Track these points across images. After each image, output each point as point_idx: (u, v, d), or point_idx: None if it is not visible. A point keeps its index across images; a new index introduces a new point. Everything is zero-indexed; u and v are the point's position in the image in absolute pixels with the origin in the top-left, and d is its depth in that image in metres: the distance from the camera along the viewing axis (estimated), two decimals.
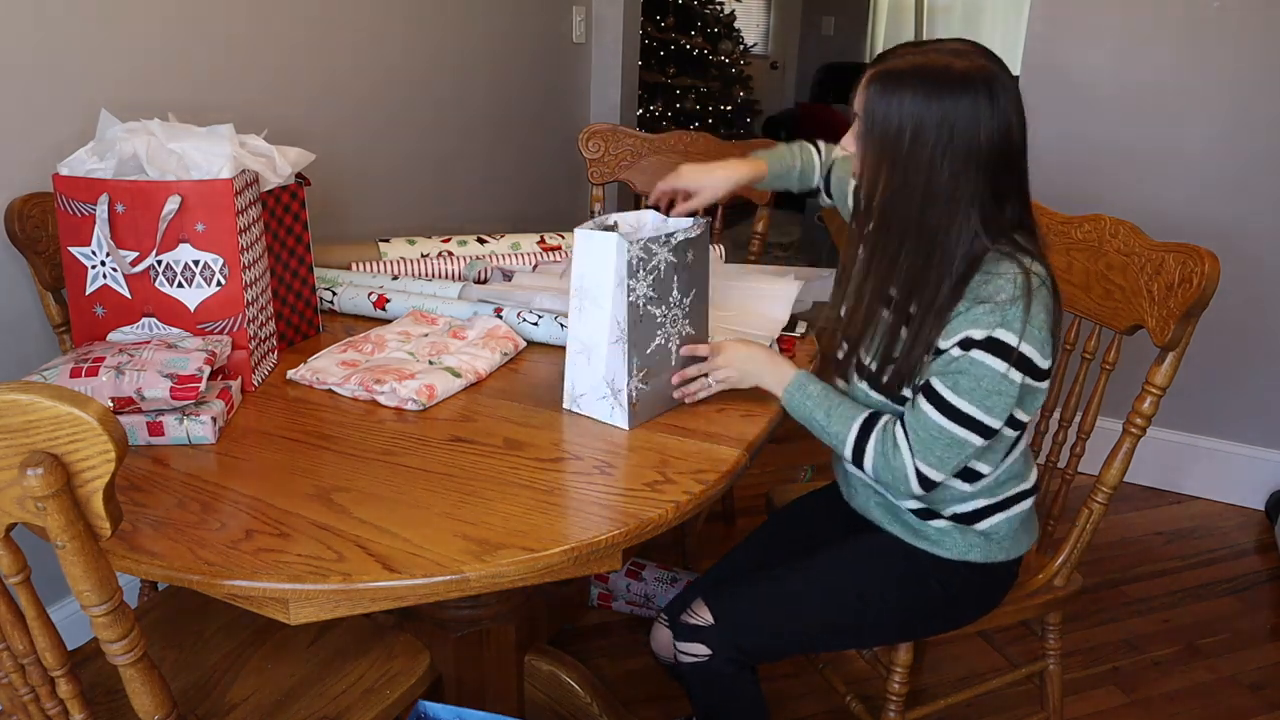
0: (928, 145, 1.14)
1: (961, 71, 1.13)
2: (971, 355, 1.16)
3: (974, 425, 1.18)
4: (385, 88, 2.44)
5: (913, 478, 1.22)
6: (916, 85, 1.13)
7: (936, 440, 1.19)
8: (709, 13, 5.68)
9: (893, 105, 1.14)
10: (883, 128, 1.16)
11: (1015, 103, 1.16)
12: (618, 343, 1.25)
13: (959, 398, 1.17)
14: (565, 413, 1.33)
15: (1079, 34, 2.58)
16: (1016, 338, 1.14)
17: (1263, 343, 2.58)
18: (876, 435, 1.24)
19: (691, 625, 1.32)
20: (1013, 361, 1.15)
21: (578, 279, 1.26)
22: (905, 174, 1.16)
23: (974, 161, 1.14)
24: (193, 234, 1.31)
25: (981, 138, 1.13)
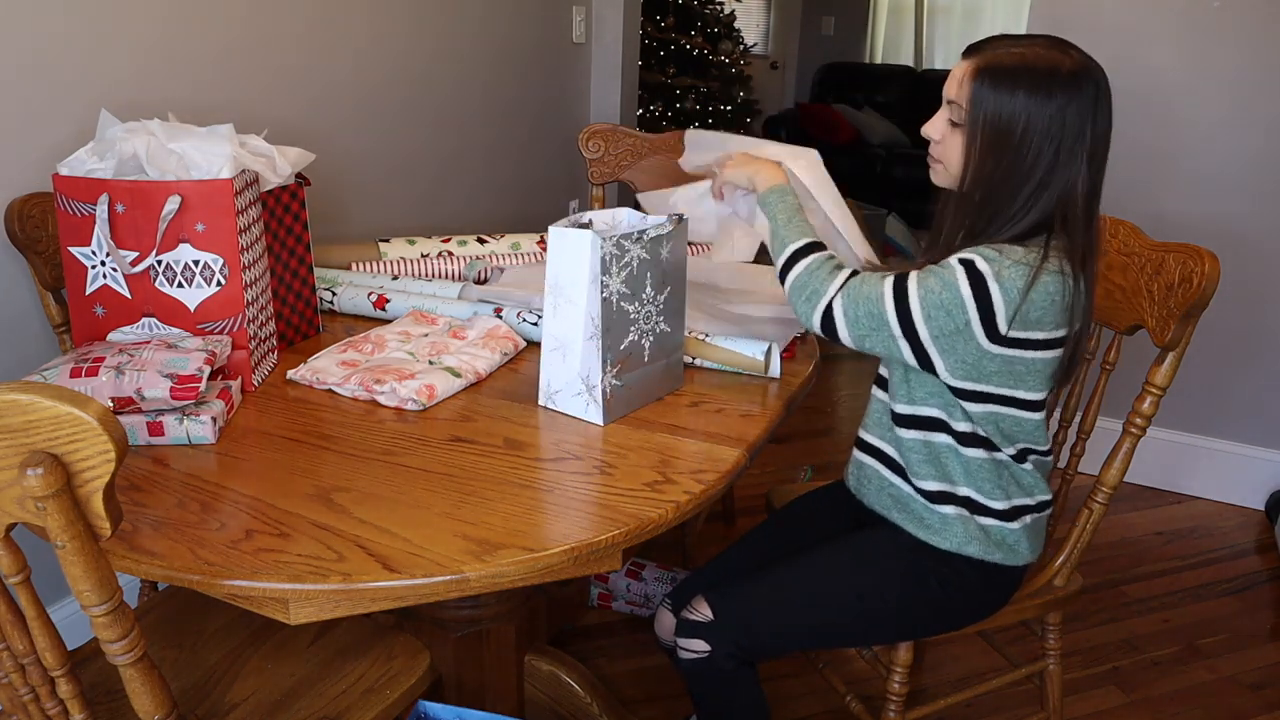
0: (1034, 139, 1.18)
1: (1072, 69, 1.18)
2: (951, 264, 1.19)
3: (906, 319, 1.20)
4: (385, 88, 2.44)
5: (821, 305, 1.25)
6: (1031, 82, 1.17)
7: (868, 301, 1.22)
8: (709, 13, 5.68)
9: (1004, 100, 1.18)
10: (993, 122, 1.19)
11: (1110, 99, 1.21)
12: (592, 339, 1.26)
13: (915, 288, 1.20)
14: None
15: (1079, 34, 2.56)
16: (995, 283, 1.16)
17: (1263, 343, 2.58)
18: (820, 257, 1.29)
19: (691, 621, 1.32)
20: (977, 296, 1.16)
21: (552, 277, 1.27)
22: (1012, 164, 1.20)
23: (1074, 154, 1.19)
24: (193, 234, 1.31)
25: (1086, 133, 1.18)
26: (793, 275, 1.29)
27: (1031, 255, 1.18)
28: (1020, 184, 1.20)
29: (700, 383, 1.46)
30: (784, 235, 1.33)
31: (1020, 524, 1.33)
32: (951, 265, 1.19)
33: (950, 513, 1.32)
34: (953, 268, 1.19)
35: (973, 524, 1.32)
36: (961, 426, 1.28)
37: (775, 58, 7.18)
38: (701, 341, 1.49)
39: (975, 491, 1.31)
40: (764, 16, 7.12)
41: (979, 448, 1.29)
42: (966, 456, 1.29)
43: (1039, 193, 1.20)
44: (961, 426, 1.28)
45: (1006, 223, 1.22)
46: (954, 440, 1.29)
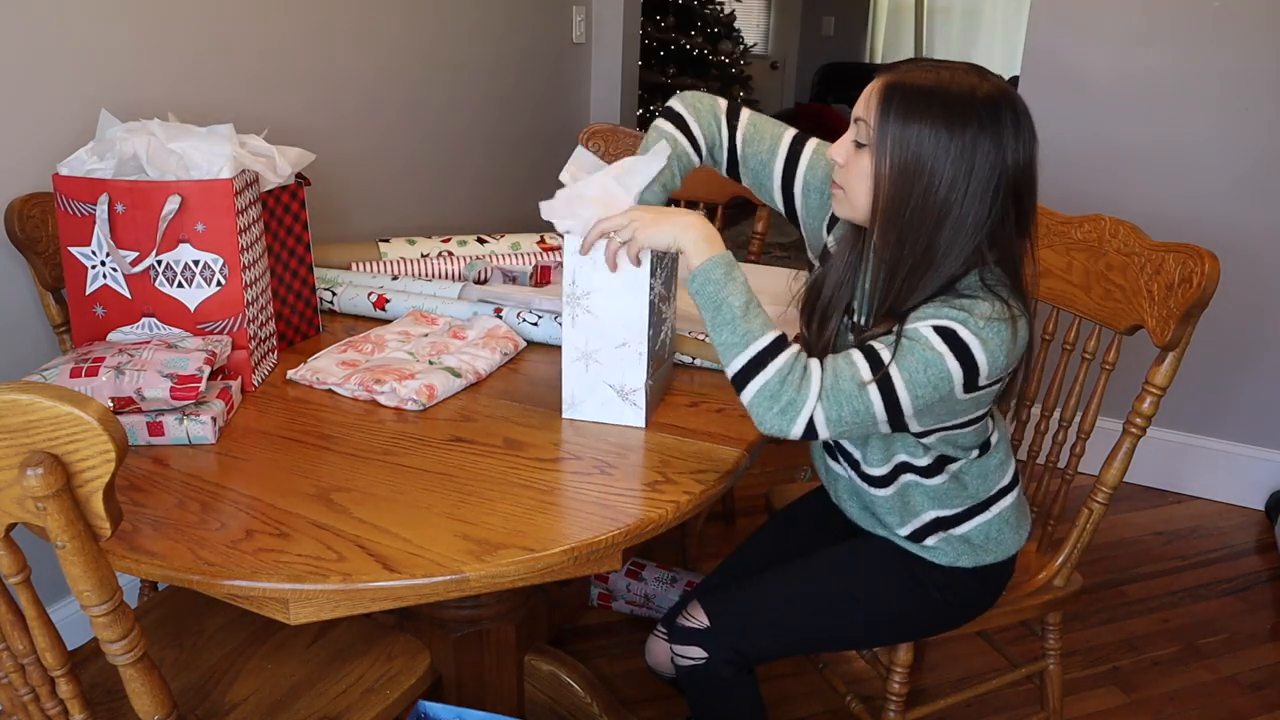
0: (947, 174, 1.08)
1: (985, 97, 1.08)
2: (927, 337, 1.09)
3: (892, 404, 1.10)
4: (385, 88, 2.44)
5: (802, 418, 1.11)
6: (940, 111, 1.08)
7: (851, 400, 1.10)
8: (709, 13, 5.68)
9: (912, 130, 1.08)
10: (901, 152, 1.09)
11: (1033, 131, 1.12)
12: (626, 345, 1.25)
13: (898, 373, 1.10)
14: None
15: (1079, 34, 2.58)
16: (981, 349, 1.09)
17: (1263, 343, 2.58)
18: (789, 356, 1.12)
19: (687, 628, 1.32)
20: (963, 365, 1.09)
21: (570, 286, 1.24)
22: (924, 195, 1.10)
23: (991, 186, 1.10)
24: (193, 234, 1.31)
25: (1004, 167, 1.09)
26: (760, 382, 1.11)
27: (998, 308, 1.11)
28: (938, 224, 1.10)
29: (700, 383, 1.46)
30: (744, 328, 1.13)
31: (995, 515, 1.31)
32: (926, 339, 1.09)
33: (933, 542, 1.31)
34: (928, 342, 1.09)
35: (954, 539, 1.31)
36: (922, 461, 1.26)
37: (775, 58, 7.18)
38: (702, 341, 1.49)
39: (940, 509, 1.29)
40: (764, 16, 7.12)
41: (939, 475, 1.27)
42: (929, 485, 1.28)
43: (959, 229, 1.10)
44: (922, 461, 1.26)
45: (935, 267, 1.12)
46: (918, 475, 1.27)
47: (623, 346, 1.25)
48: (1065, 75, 2.61)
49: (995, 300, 1.12)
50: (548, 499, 1.11)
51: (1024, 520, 1.37)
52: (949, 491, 1.28)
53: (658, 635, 1.42)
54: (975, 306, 1.11)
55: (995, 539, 1.32)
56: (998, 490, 1.32)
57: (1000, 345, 1.10)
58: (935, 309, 1.11)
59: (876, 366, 1.10)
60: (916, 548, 1.32)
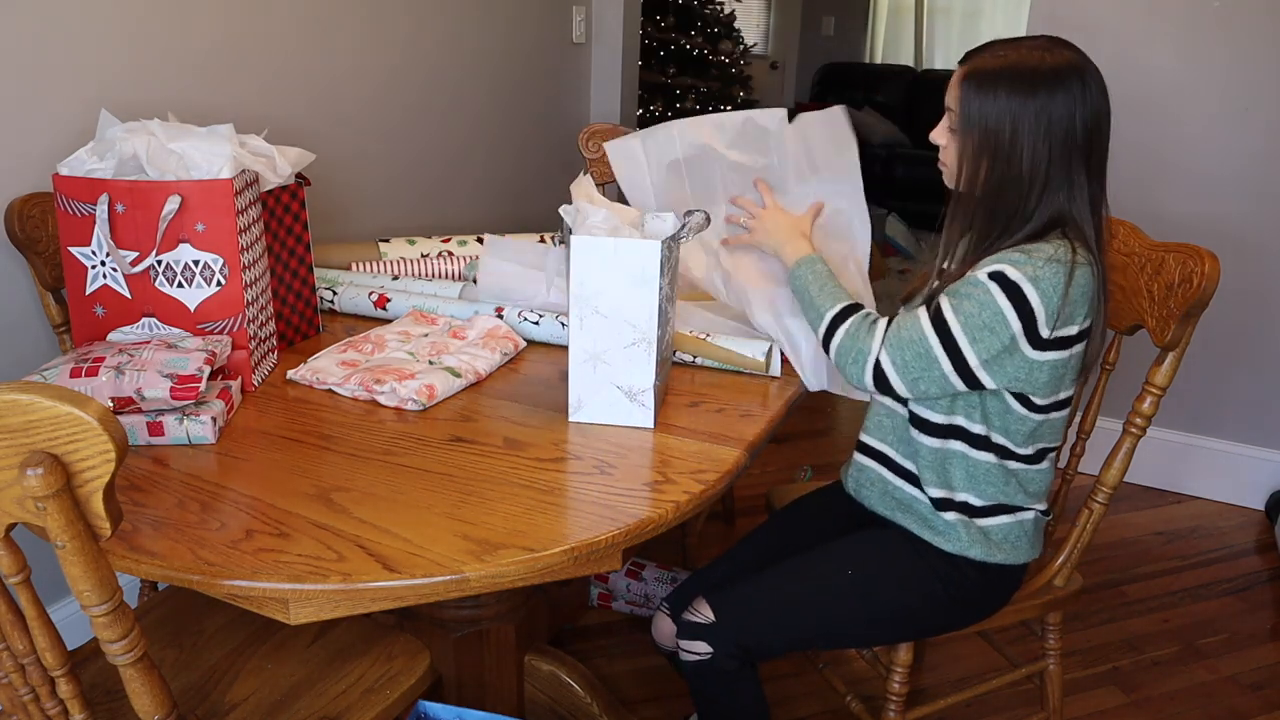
0: (1025, 138, 1.20)
1: (1053, 66, 1.19)
2: (983, 281, 1.19)
3: (953, 350, 1.20)
4: (385, 88, 2.44)
5: (870, 363, 1.24)
6: (1012, 82, 1.19)
7: (913, 344, 1.22)
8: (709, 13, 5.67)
9: (989, 102, 1.21)
10: (981, 125, 1.22)
11: (1103, 90, 1.22)
12: (634, 345, 1.25)
13: (954, 316, 1.20)
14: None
15: (1079, 34, 2.56)
16: (1037, 293, 1.17)
17: (1263, 343, 2.58)
18: (857, 318, 1.29)
19: (693, 623, 1.32)
20: (1019, 310, 1.17)
21: (578, 287, 1.24)
22: (1007, 165, 1.21)
23: (1068, 149, 1.20)
24: (193, 234, 1.31)
25: (1076, 127, 1.20)
26: (835, 343, 1.29)
27: (1061, 250, 1.19)
28: (1019, 185, 1.22)
29: (700, 383, 1.46)
30: (819, 304, 1.33)
31: (1018, 521, 1.33)
32: (981, 282, 1.19)
33: (952, 518, 1.32)
34: (983, 284, 1.19)
35: (973, 527, 1.32)
36: (977, 429, 1.28)
37: (775, 58, 7.18)
38: (702, 340, 1.49)
39: (974, 496, 1.31)
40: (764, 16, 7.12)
41: (989, 452, 1.29)
42: (973, 460, 1.30)
43: (1041, 192, 1.22)
44: (977, 429, 1.28)
45: (1016, 225, 1.23)
46: (967, 445, 1.29)
47: (631, 346, 1.25)
48: None
49: (1061, 244, 1.20)
50: (548, 499, 1.11)
51: (1040, 540, 1.39)
52: (988, 478, 1.30)
53: (662, 611, 1.44)
54: (1040, 249, 1.19)
55: (1013, 542, 1.33)
56: (1030, 504, 1.34)
57: (1053, 285, 1.17)
58: (997, 255, 1.21)
59: (936, 314, 1.22)
60: (935, 522, 1.32)
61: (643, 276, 1.21)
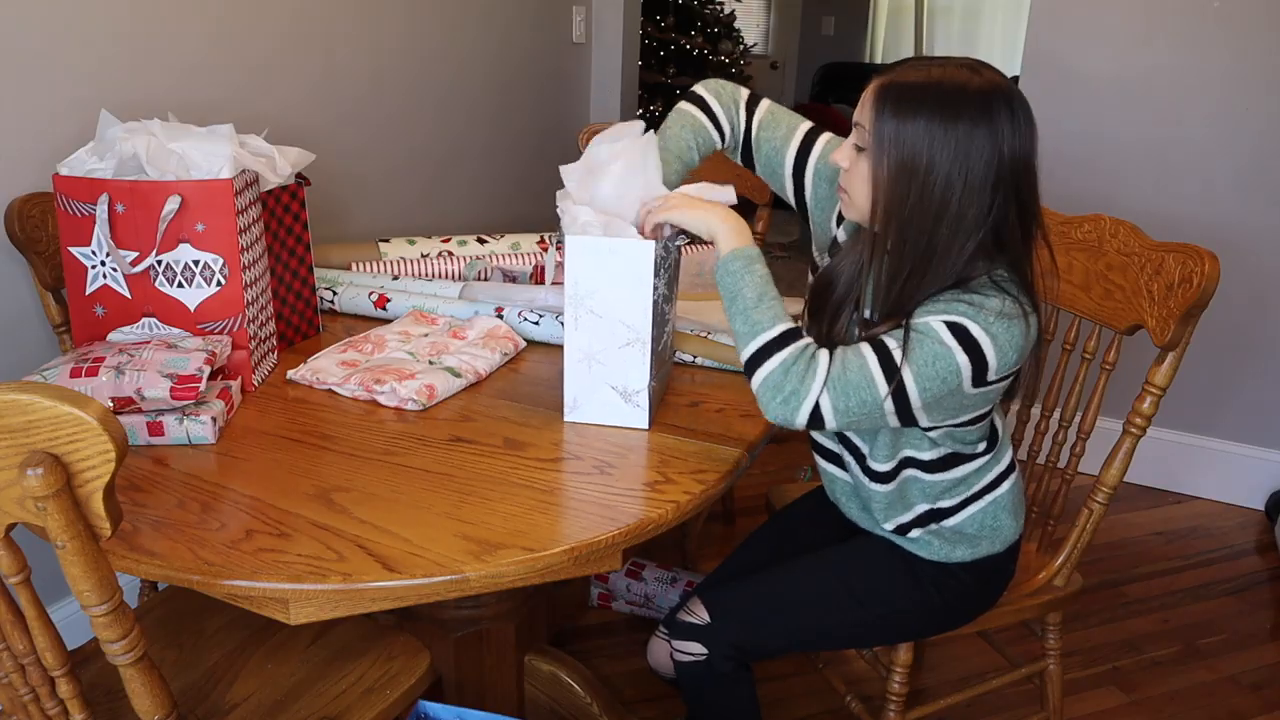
0: (943, 170, 1.09)
1: (978, 90, 1.08)
2: (937, 331, 1.09)
3: (901, 396, 1.10)
4: (385, 88, 2.44)
5: (807, 406, 1.11)
6: (933, 107, 1.08)
7: (859, 390, 1.10)
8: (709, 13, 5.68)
9: (907, 128, 1.09)
10: (896, 150, 1.10)
11: (1031, 121, 1.11)
12: (629, 345, 1.25)
13: (906, 364, 1.10)
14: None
15: (1079, 33, 2.58)
16: (991, 344, 1.09)
17: (1263, 343, 2.58)
18: (795, 350, 1.13)
19: (688, 624, 1.32)
20: (973, 361, 1.09)
21: (573, 287, 1.24)
22: (920, 196, 1.10)
23: (990, 184, 1.10)
24: (193, 234, 1.31)
25: (1000, 161, 1.09)
26: (765, 372, 1.13)
27: (1008, 305, 1.11)
28: (937, 220, 1.11)
29: (700, 383, 1.46)
30: (754, 317, 1.15)
31: (991, 502, 1.30)
32: (936, 333, 1.10)
33: (919, 534, 1.31)
34: (938, 336, 1.09)
35: (945, 530, 1.31)
36: (927, 455, 1.26)
37: (775, 58, 7.18)
38: (703, 339, 1.49)
39: (932, 503, 1.29)
40: (764, 16, 7.12)
41: (942, 470, 1.27)
42: (929, 480, 1.28)
43: (960, 227, 1.11)
44: (927, 455, 1.26)
45: (941, 266, 1.13)
46: (920, 470, 1.27)
47: (626, 347, 1.25)
48: (1065, 75, 2.61)
49: (1005, 297, 1.12)
50: (548, 499, 1.11)
51: (1020, 507, 1.36)
52: (946, 489, 1.28)
53: (659, 636, 1.42)
54: (985, 302, 1.11)
55: (991, 526, 1.31)
56: (994, 479, 1.31)
57: (1010, 342, 1.10)
58: (945, 304, 1.12)
59: (885, 359, 1.11)
60: (904, 541, 1.32)
61: (637, 277, 1.21)
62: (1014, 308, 1.11)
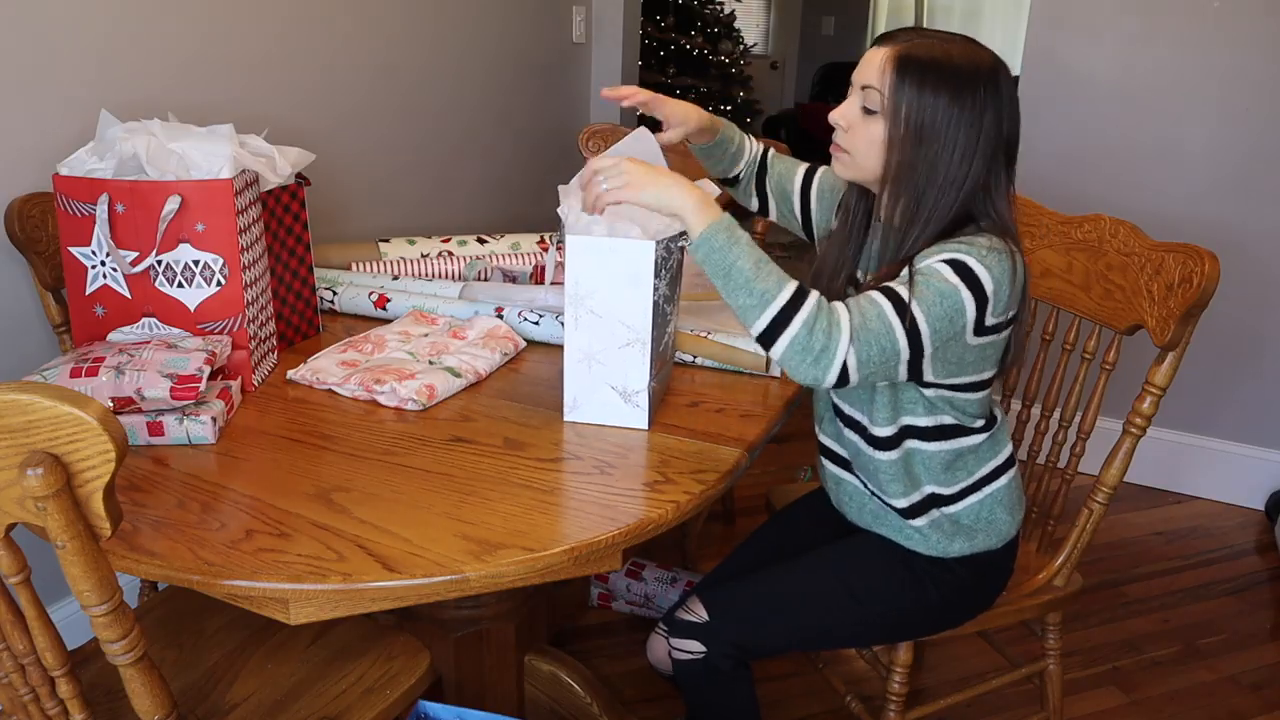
0: (960, 140, 1.17)
1: (989, 67, 1.18)
2: (940, 270, 1.14)
3: (914, 338, 1.13)
4: (385, 88, 2.44)
5: (836, 364, 1.10)
6: (952, 80, 1.16)
7: (879, 337, 1.12)
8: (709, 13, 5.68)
9: (927, 99, 1.16)
10: (916, 118, 1.16)
11: (1014, 85, 1.21)
12: (629, 345, 1.25)
13: (917, 306, 1.13)
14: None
15: (1079, 33, 2.58)
16: (988, 274, 1.14)
17: (1263, 343, 2.58)
18: (813, 305, 1.11)
19: (686, 622, 1.32)
20: (974, 293, 1.14)
21: (573, 287, 1.23)
22: (933, 163, 1.17)
23: (992, 152, 1.19)
24: (193, 234, 1.31)
25: (1003, 127, 1.19)
26: (789, 336, 1.10)
27: (996, 242, 1.17)
28: (945, 184, 1.18)
29: (700, 383, 1.46)
30: (759, 287, 1.11)
31: (989, 494, 1.31)
32: (938, 270, 1.14)
33: (923, 523, 1.31)
34: (941, 274, 1.14)
35: (945, 521, 1.31)
36: (925, 421, 1.27)
37: (775, 58, 7.18)
38: (703, 339, 1.49)
39: (935, 485, 1.30)
40: (764, 16, 7.12)
41: (940, 440, 1.28)
42: (928, 452, 1.28)
43: (961, 189, 1.18)
44: (925, 421, 1.27)
45: (932, 221, 1.19)
46: (920, 440, 1.28)
47: (626, 347, 1.25)
48: (1065, 75, 2.61)
49: (990, 236, 1.19)
50: (548, 499, 1.11)
51: (1018, 504, 1.37)
52: (948, 464, 1.29)
53: (659, 633, 1.42)
54: (975, 240, 1.18)
55: (987, 519, 1.32)
56: (992, 470, 1.32)
57: (1003, 274, 1.16)
58: (938, 247, 1.18)
59: (897, 303, 1.14)
60: (909, 532, 1.32)
61: (637, 277, 1.21)
62: (1001, 244, 1.18)
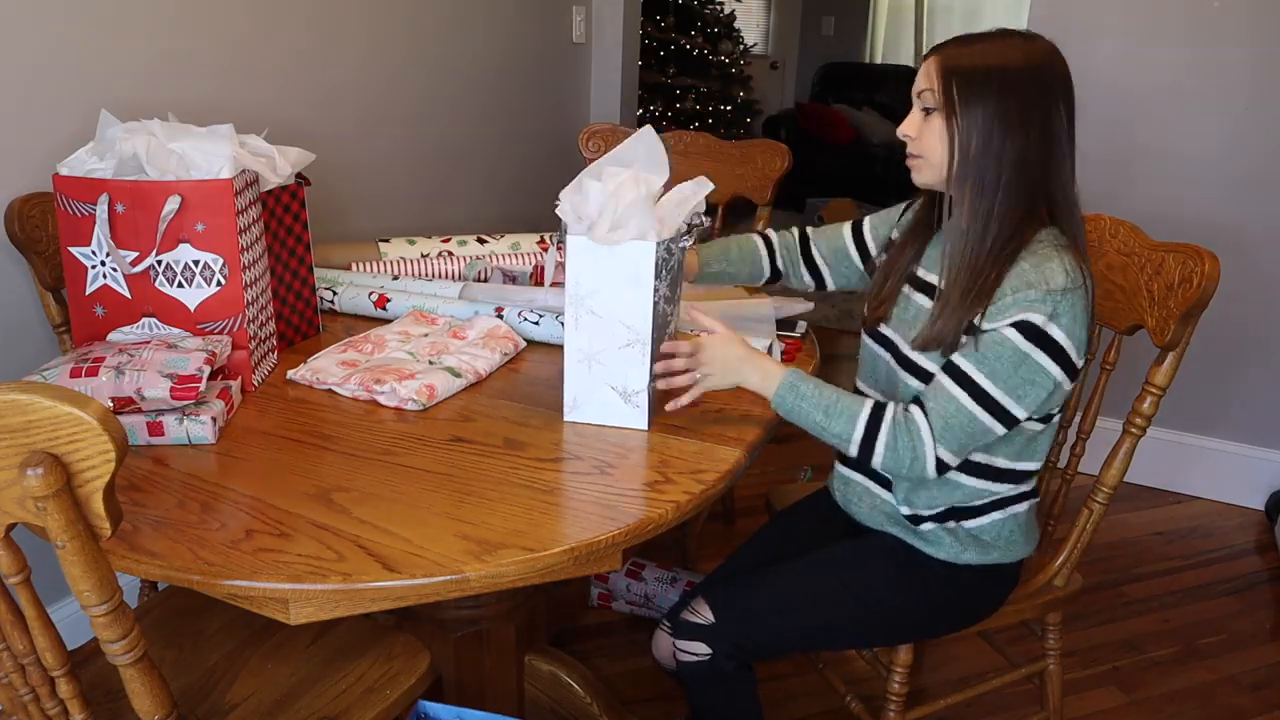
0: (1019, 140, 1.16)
1: (1044, 53, 1.18)
2: (1010, 338, 1.16)
3: (1000, 412, 1.18)
4: (385, 88, 2.44)
5: (931, 463, 1.19)
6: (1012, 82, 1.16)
7: (964, 427, 1.18)
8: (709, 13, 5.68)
9: (990, 103, 1.16)
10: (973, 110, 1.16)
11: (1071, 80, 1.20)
12: (629, 346, 1.25)
13: (990, 381, 1.17)
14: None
15: (1078, 34, 2.58)
16: (1062, 332, 1.15)
17: (1263, 343, 2.58)
18: (888, 427, 1.20)
19: (691, 623, 1.32)
20: (1053, 354, 1.16)
21: (574, 288, 1.23)
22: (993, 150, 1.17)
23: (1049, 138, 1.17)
24: (193, 234, 1.31)
25: (1061, 116, 1.18)
26: (879, 459, 1.21)
27: (1071, 273, 1.15)
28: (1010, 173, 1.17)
29: None
30: (837, 429, 1.22)
31: (1010, 515, 1.32)
32: (1010, 341, 1.15)
33: (935, 528, 1.31)
34: (1013, 344, 1.15)
35: (961, 532, 1.31)
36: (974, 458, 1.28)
37: (775, 58, 7.18)
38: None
39: (958, 500, 1.30)
40: (764, 16, 7.12)
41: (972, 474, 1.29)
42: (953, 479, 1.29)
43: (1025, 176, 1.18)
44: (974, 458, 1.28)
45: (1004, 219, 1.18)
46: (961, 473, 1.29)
47: (626, 348, 1.25)
48: None
49: (1065, 256, 1.16)
50: (548, 499, 1.11)
51: (1034, 530, 1.38)
52: (973, 489, 1.29)
53: (663, 629, 1.42)
54: (1049, 273, 1.15)
55: (1007, 539, 1.33)
56: (1019, 493, 1.33)
57: (1074, 319, 1.16)
58: (1011, 299, 1.15)
59: (972, 389, 1.17)
60: (923, 536, 1.32)
61: (637, 277, 1.21)
62: (1075, 275, 1.16)
